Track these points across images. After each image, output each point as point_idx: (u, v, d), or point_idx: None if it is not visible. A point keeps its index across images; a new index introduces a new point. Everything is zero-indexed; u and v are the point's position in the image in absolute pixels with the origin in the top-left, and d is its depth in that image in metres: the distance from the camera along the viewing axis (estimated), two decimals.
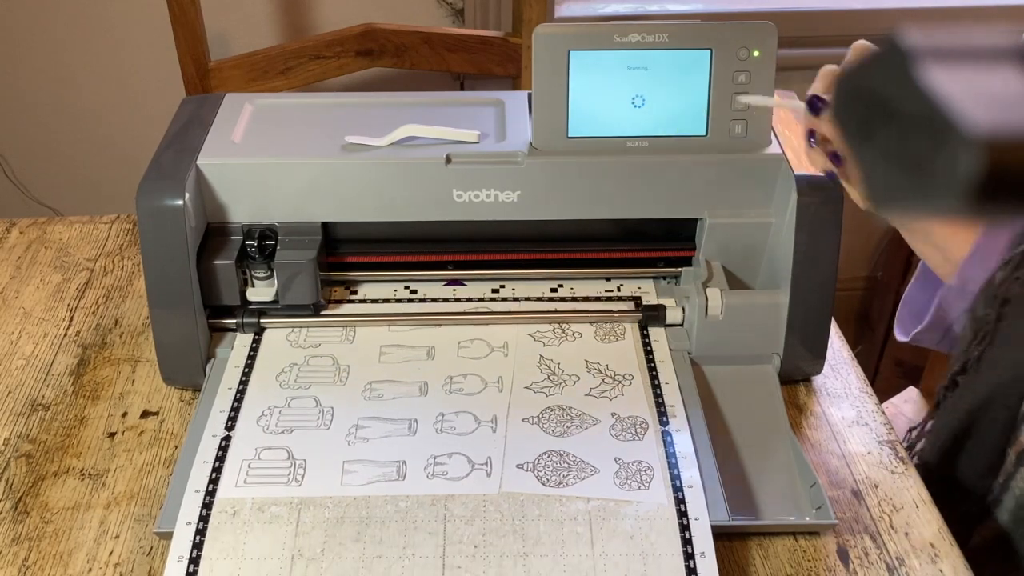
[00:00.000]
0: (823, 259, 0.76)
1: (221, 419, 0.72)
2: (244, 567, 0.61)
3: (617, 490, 0.66)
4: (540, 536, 0.63)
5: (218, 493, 0.66)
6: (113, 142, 1.71)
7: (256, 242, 0.79)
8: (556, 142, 0.77)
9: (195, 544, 0.62)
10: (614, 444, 0.70)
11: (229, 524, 0.64)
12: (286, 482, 0.66)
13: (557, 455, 0.69)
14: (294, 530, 0.63)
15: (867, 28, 1.64)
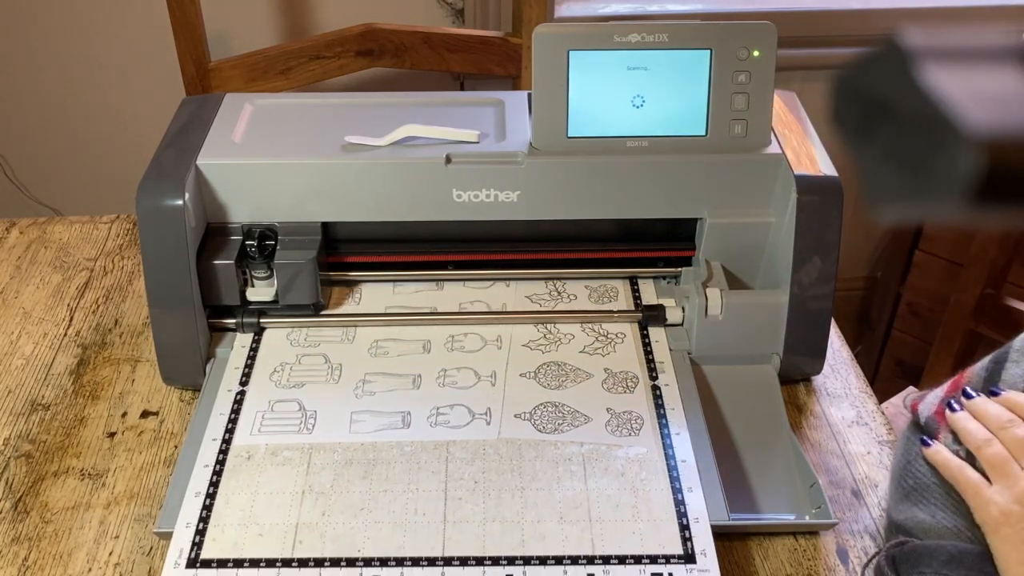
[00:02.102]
0: (823, 259, 0.76)
1: (236, 376, 0.76)
2: (258, 500, 0.66)
3: (609, 436, 0.71)
4: (536, 473, 0.67)
5: (234, 440, 0.71)
6: (113, 142, 1.71)
7: (256, 242, 0.79)
8: (556, 142, 0.77)
9: (212, 483, 0.67)
10: (606, 396, 0.74)
11: (244, 466, 0.69)
12: (298, 430, 0.71)
13: (553, 406, 0.73)
14: (305, 470, 0.68)
15: (867, 28, 1.64)
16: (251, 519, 0.65)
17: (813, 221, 0.75)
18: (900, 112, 0.33)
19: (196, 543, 0.63)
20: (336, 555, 0.62)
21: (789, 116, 0.83)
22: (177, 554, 0.63)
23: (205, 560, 0.62)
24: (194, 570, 0.62)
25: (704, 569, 0.62)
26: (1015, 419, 0.60)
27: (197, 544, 0.63)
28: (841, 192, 0.75)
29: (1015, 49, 0.34)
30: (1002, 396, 0.62)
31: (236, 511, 0.65)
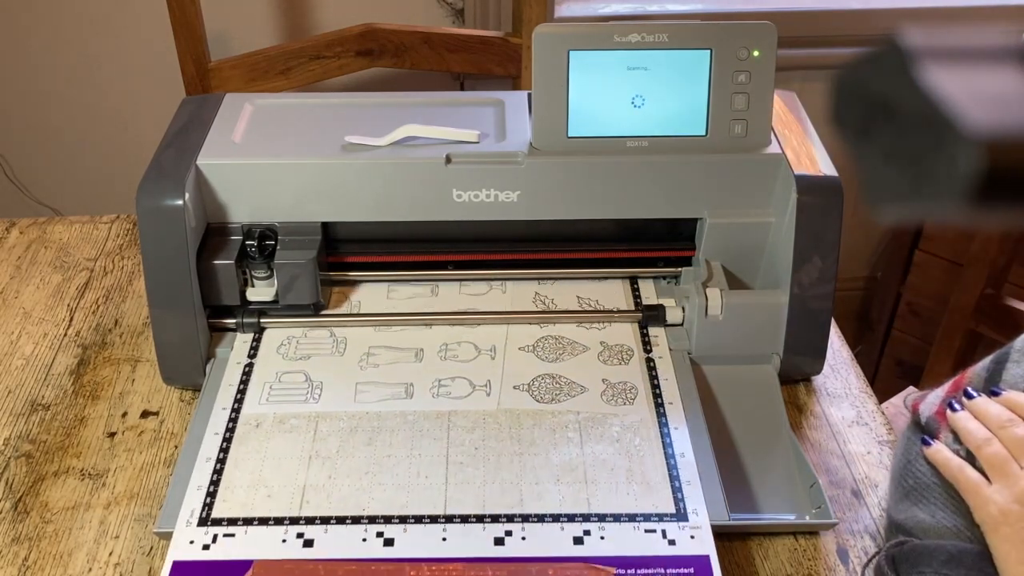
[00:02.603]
0: (823, 259, 0.76)
1: (244, 349, 0.79)
2: (266, 465, 0.69)
3: (604, 405, 0.74)
4: (534, 440, 0.71)
5: (243, 410, 0.74)
6: (113, 142, 1.71)
7: (256, 242, 0.79)
8: (556, 142, 0.77)
9: (222, 448, 0.70)
10: (602, 368, 0.77)
11: (253, 433, 0.72)
12: (304, 400, 0.75)
13: (550, 378, 0.77)
14: (312, 437, 0.71)
15: (867, 28, 1.64)
16: (260, 482, 0.68)
17: (813, 221, 0.75)
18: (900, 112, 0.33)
19: (207, 504, 0.66)
20: (342, 514, 0.65)
21: (789, 116, 0.83)
22: (188, 514, 0.65)
23: (216, 519, 0.65)
24: (205, 527, 0.64)
25: (696, 526, 0.65)
26: (1015, 419, 0.60)
27: (208, 505, 0.66)
28: (841, 192, 0.75)
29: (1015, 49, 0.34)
30: (1003, 396, 0.62)
31: (245, 474, 0.68)
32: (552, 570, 0.62)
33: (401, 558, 0.62)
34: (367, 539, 0.63)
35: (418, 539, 0.64)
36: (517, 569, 0.62)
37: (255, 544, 0.63)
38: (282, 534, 0.64)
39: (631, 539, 0.64)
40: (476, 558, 0.62)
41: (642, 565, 0.62)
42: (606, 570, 0.62)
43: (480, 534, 0.64)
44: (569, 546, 0.63)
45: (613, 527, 0.64)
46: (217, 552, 0.63)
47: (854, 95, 0.36)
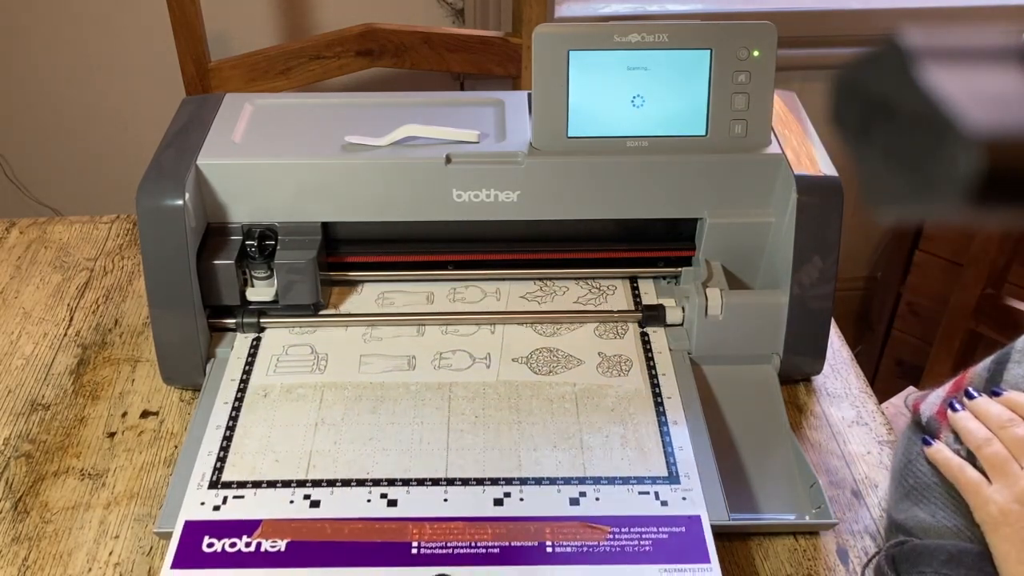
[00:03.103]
0: (823, 259, 0.76)
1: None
2: (274, 431, 0.72)
3: (600, 377, 0.77)
4: (532, 409, 0.74)
5: (251, 381, 0.77)
6: (113, 142, 1.71)
7: (256, 242, 0.79)
8: (556, 142, 0.77)
9: (231, 417, 0.73)
10: (598, 342, 0.80)
11: (261, 402, 0.75)
12: (310, 371, 0.77)
13: (548, 351, 0.79)
14: (318, 405, 0.74)
15: (867, 28, 1.64)
16: (268, 448, 0.71)
17: (813, 221, 0.75)
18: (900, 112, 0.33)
19: (217, 468, 0.69)
20: (347, 476, 0.68)
21: (789, 116, 0.83)
22: (200, 477, 0.68)
23: (226, 482, 0.68)
24: (216, 490, 0.67)
25: (688, 488, 0.67)
26: (1015, 419, 0.60)
27: (218, 469, 0.69)
28: (841, 192, 0.75)
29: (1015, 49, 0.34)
30: (1004, 396, 0.62)
31: (254, 441, 0.71)
32: (549, 529, 0.64)
33: (404, 517, 0.65)
34: (371, 500, 0.66)
35: (420, 500, 0.66)
36: (516, 528, 0.64)
37: (263, 505, 0.66)
38: (289, 496, 0.67)
39: (625, 500, 0.66)
40: (476, 517, 0.65)
41: (636, 524, 0.65)
42: (601, 528, 0.65)
43: (480, 496, 0.67)
44: (565, 507, 0.66)
45: (608, 489, 0.67)
46: (227, 513, 0.66)
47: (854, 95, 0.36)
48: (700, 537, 0.64)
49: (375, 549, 0.63)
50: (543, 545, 0.63)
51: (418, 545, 0.63)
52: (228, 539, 0.64)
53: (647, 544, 0.64)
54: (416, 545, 0.63)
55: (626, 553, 0.63)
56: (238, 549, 0.63)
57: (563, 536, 0.64)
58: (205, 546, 0.63)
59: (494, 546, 0.63)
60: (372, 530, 0.64)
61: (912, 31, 0.34)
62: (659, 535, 0.64)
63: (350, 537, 0.64)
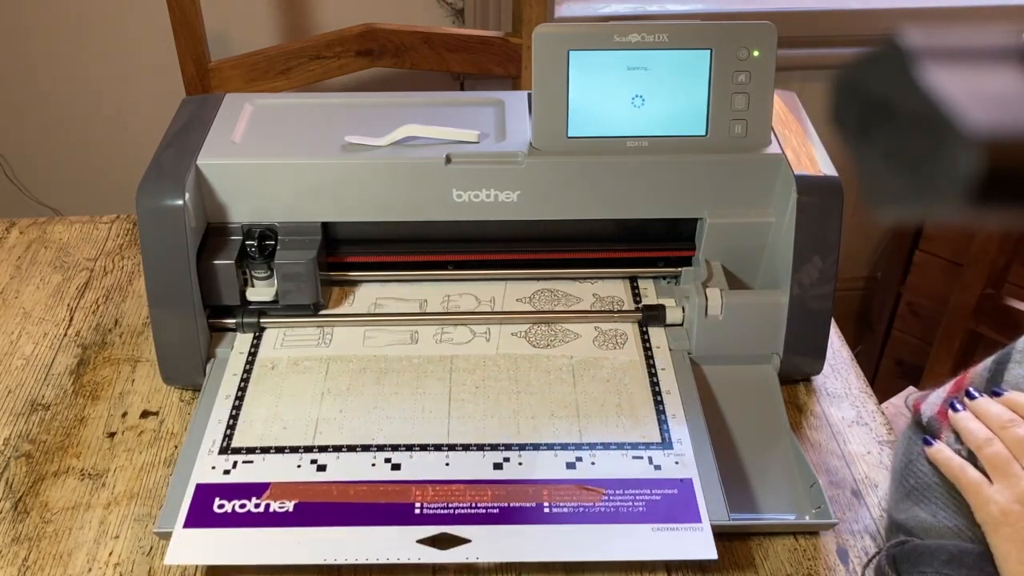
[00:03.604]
0: (823, 259, 0.76)
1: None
2: (282, 401, 0.75)
3: (596, 350, 0.80)
4: (531, 380, 0.77)
5: (259, 354, 0.79)
6: (113, 142, 1.71)
7: (256, 242, 0.79)
8: (556, 142, 0.77)
9: (240, 387, 0.76)
10: (594, 317, 0.83)
11: (269, 374, 0.77)
12: (316, 345, 0.80)
13: (546, 325, 0.82)
14: (324, 376, 0.77)
15: (867, 28, 1.64)
16: (276, 416, 0.73)
17: (813, 221, 0.75)
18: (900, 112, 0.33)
19: (227, 435, 0.72)
20: (352, 442, 0.71)
21: (789, 116, 0.83)
22: (210, 444, 0.71)
23: (235, 448, 0.71)
24: (226, 455, 0.70)
25: (680, 453, 0.70)
26: (1016, 419, 0.60)
27: (228, 436, 0.72)
28: (841, 192, 0.75)
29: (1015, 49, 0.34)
30: (1004, 396, 0.62)
31: (262, 410, 0.74)
32: (547, 491, 0.67)
33: (407, 480, 0.68)
34: (376, 464, 0.69)
35: (423, 464, 0.69)
36: (514, 490, 0.67)
37: (272, 469, 0.69)
38: (297, 460, 0.70)
39: (619, 464, 0.69)
40: (477, 480, 0.68)
41: (629, 487, 0.68)
42: (596, 490, 0.67)
43: (480, 460, 0.70)
44: (562, 470, 0.69)
45: (603, 454, 0.70)
46: (237, 476, 0.69)
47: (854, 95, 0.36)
48: (691, 498, 0.67)
49: (379, 510, 0.66)
50: (540, 506, 0.66)
51: (421, 506, 0.66)
52: (238, 501, 0.67)
53: (640, 505, 0.66)
54: (419, 506, 0.66)
55: (620, 513, 0.66)
56: (248, 510, 0.66)
57: (560, 497, 0.67)
58: (216, 507, 0.66)
59: (494, 507, 0.66)
60: (376, 492, 0.67)
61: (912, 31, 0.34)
62: (652, 496, 0.67)
63: (355, 499, 0.67)
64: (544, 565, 0.66)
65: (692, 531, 0.65)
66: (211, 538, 0.64)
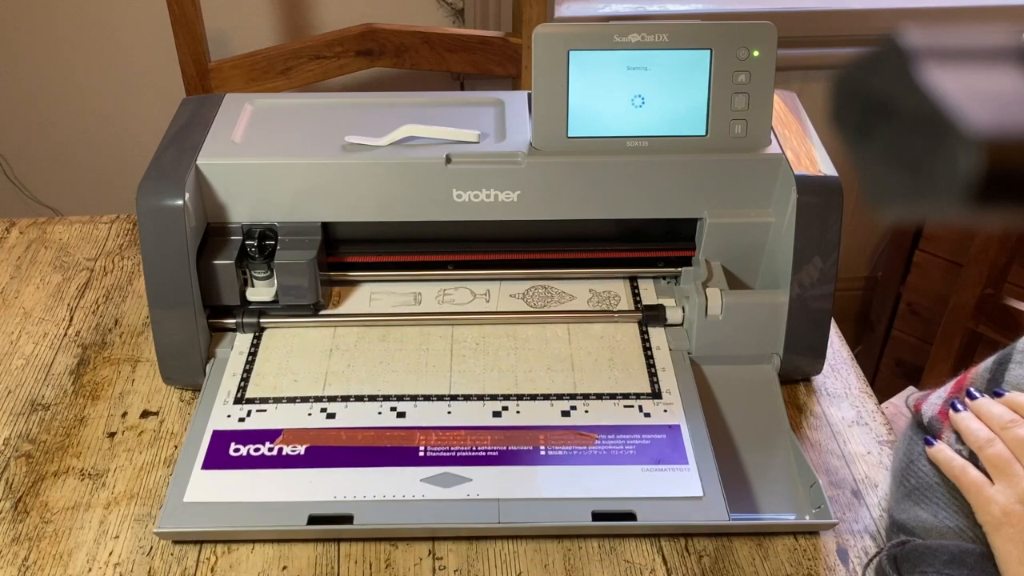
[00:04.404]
0: (823, 259, 0.76)
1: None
2: (292, 357, 0.79)
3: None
4: (528, 337, 0.82)
5: None
6: (113, 142, 1.71)
7: (256, 242, 0.79)
8: (556, 142, 0.77)
9: (253, 344, 0.80)
10: (590, 281, 0.87)
11: (280, 333, 0.82)
12: (325, 306, 0.84)
13: (543, 288, 0.86)
14: (332, 334, 0.82)
15: (867, 28, 1.64)
16: (287, 370, 0.78)
17: (813, 221, 0.75)
18: (900, 112, 0.33)
19: (241, 387, 0.76)
20: (360, 393, 0.76)
21: (789, 116, 0.83)
22: (226, 395, 0.76)
23: (249, 398, 0.75)
24: (240, 405, 0.75)
25: (669, 403, 0.75)
26: (1017, 419, 0.60)
27: (242, 387, 0.76)
28: (841, 192, 0.75)
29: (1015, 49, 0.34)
30: (1005, 397, 0.62)
31: (274, 365, 0.78)
32: (543, 436, 0.72)
33: (412, 426, 0.73)
34: (382, 413, 0.74)
35: (426, 413, 0.74)
36: (513, 435, 0.72)
37: (284, 417, 0.74)
38: (308, 409, 0.74)
39: (611, 412, 0.74)
40: (477, 427, 0.73)
41: (621, 432, 0.73)
42: (589, 435, 0.72)
43: (480, 409, 0.75)
44: (558, 418, 0.74)
45: (596, 403, 0.75)
46: (251, 424, 0.73)
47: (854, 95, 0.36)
48: (679, 442, 0.72)
49: (386, 453, 0.71)
50: (537, 449, 0.71)
51: (425, 449, 0.71)
52: (252, 445, 0.72)
53: (631, 448, 0.71)
54: (423, 449, 0.71)
55: (612, 455, 0.71)
56: (261, 453, 0.71)
57: (555, 442, 0.72)
58: (232, 451, 0.71)
59: (493, 450, 0.71)
60: (383, 437, 0.72)
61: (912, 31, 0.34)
62: (642, 441, 0.72)
63: (363, 443, 0.72)
64: (544, 565, 0.66)
65: (679, 471, 0.69)
66: (227, 478, 0.69)
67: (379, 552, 0.67)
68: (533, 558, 0.67)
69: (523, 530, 0.67)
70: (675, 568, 0.66)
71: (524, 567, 0.66)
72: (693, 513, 0.67)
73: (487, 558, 0.67)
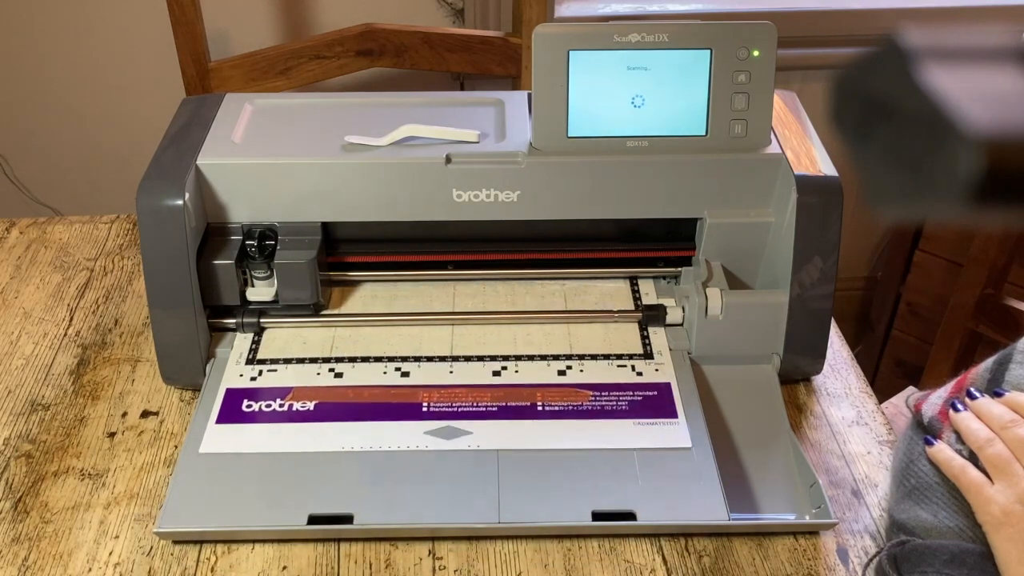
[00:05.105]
0: (823, 259, 0.76)
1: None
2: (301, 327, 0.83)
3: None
4: (527, 304, 0.85)
5: None
6: (113, 142, 1.71)
7: (256, 242, 0.79)
8: (556, 142, 0.77)
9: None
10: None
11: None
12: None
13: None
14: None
15: (867, 28, 1.64)
16: (296, 335, 0.82)
17: (813, 221, 0.75)
18: (900, 112, 0.33)
19: (253, 348, 0.80)
20: (366, 354, 0.80)
21: (789, 116, 0.83)
22: (238, 356, 0.79)
23: (260, 359, 0.79)
24: (252, 365, 0.79)
25: (660, 363, 0.79)
26: (1017, 419, 0.60)
27: (254, 350, 0.80)
28: (841, 192, 0.75)
29: (1015, 49, 0.34)
30: (1006, 397, 0.62)
31: (284, 331, 0.82)
32: (540, 393, 0.76)
33: (416, 385, 0.77)
34: (387, 372, 0.78)
35: (429, 372, 0.78)
36: (511, 392, 0.76)
37: (294, 376, 0.78)
38: (316, 369, 0.78)
39: (605, 371, 0.78)
40: (478, 385, 0.77)
41: (614, 389, 0.76)
42: (584, 392, 0.76)
43: (481, 369, 0.78)
44: (554, 376, 0.78)
45: (591, 363, 0.79)
46: (262, 382, 0.77)
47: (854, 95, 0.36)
48: (670, 399, 0.75)
49: (391, 408, 0.75)
50: (534, 405, 0.75)
51: (428, 405, 0.75)
52: (264, 401, 0.75)
53: (624, 404, 0.75)
54: (426, 405, 0.75)
55: (605, 411, 0.74)
56: (273, 409, 0.75)
57: (552, 398, 0.76)
58: (244, 407, 0.75)
59: (493, 406, 0.75)
60: (388, 394, 0.76)
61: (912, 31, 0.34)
62: (634, 397, 0.76)
63: (369, 399, 0.76)
64: (544, 565, 0.66)
65: (669, 425, 0.73)
66: (240, 431, 0.73)
67: (379, 552, 0.67)
68: (533, 558, 0.67)
69: (523, 530, 0.67)
70: (675, 568, 0.66)
71: (524, 567, 0.66)
72: (693, 513, 0.67)
73: (487, 558, 0.67)
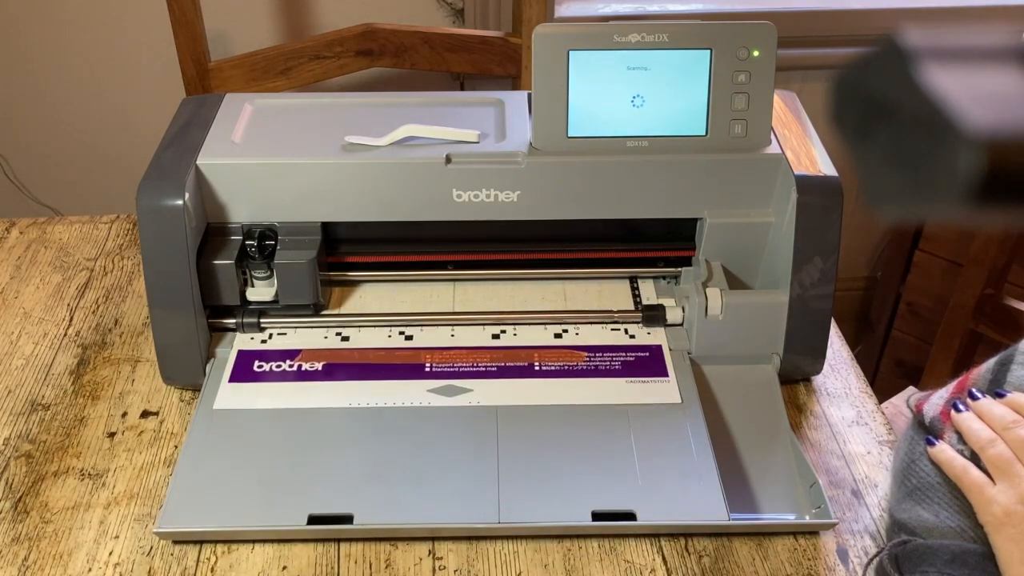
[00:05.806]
0: (823, 259, 0.76)
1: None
2: None
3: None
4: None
5: None
6: (113, 142, 1.71)
7: (256, 242, 0.79)
8: (556, 142, 0.77)
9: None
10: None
11: None
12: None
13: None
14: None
15: (867, 28, 1.64)
16: None
17: (813, 221, 0.75)
18: (900, 112, 0.33)
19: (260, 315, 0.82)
20: (371, 319, 0.83)
21: (789, 116, 0.83)
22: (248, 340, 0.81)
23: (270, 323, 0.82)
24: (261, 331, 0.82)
25: (652, 326, 0.83)
26: (1019, 420, 0.60)
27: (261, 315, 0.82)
28: (841, 192, 0.75)
29: (1015, 49, 0.34)
30: (1007, 397, 0.62)
31: None
32: (537, 354, 0.80)
33: (418, 347, 0.81)
34: (391, 336, 0.82)
35: (432, 335, 0.82)
36: (510, 353, 0.80)
37: (302, 339, 0.81)
38: (324, 333, 0.82)
39: (599, 334, 0.82)
40: (478, 347, 0.81)
41: (608, 351, 0.80)
42: (579, 353, 0.80)
43: (481, 332, 0.82)
44: (550, 339, 0.82)
45: (585, 327, 0.83)
46: (272, 345, 0.81)
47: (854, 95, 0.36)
48: (661, 359, 0.79)
49: (395, 368, 0.79)
50: (532, 365, 0.79)
51: (430, 366, 0.79)
52: (274, 362, 0.79)
53: (617, 364, 0.79)
54: (429, 365, 0.79)
55: (599, 371, 0.78)
56: (283, 369, 0.78)
57: (548, 359, 0.79)
58: (255, 367, 0.78)
59: (492, 366, 0.79)
60: (393, 356, 0.80)
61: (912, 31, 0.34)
62: (627, 358, 0.79)
63: (374, 360, 0.79)
64: (544, 565, 0.66)
65: (660, 383, 0.77)
66: (252, 389, 0.76)
67: (379, 552, 0.67)
68: (533, 558, 0.67)
69: (523, 530, 0.67)
70: (675, 568, 0.66)
71: (524, 567, 0.66)
72: (693, 513, 0.67)
73: (487, 558, 0.67)
